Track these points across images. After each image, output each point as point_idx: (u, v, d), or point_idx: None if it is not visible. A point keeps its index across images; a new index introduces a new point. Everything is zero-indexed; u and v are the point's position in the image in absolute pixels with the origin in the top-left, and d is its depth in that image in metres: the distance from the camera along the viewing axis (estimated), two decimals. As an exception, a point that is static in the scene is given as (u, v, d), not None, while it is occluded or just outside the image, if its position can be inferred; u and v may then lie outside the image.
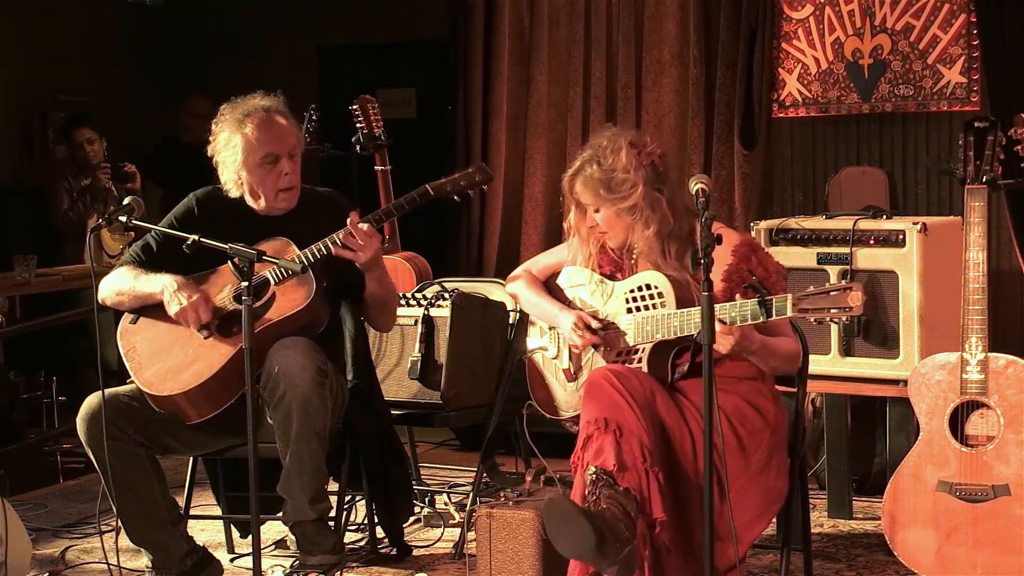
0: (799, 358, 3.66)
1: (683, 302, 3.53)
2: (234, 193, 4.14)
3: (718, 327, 3.30)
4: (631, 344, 3.60)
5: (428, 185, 4.02)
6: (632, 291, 3.65)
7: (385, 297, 4.17)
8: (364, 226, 3.97)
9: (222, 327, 3.97)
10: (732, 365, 3.60)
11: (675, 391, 3.56)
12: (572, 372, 3.79)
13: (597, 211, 3.68)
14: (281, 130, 4.10)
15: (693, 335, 3.46)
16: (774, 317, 3.33)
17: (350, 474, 4.30)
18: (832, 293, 3.28)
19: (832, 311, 3.27)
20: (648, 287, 3.61)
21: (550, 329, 3.87)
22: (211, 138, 4.14)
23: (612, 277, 3.75)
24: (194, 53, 8.36)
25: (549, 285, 3.92)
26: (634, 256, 3.72)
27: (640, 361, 3.57)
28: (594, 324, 3.67)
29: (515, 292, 4.00)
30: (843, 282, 3.31)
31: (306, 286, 3.95)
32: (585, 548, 3.21)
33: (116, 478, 3.91)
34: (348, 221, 3.96)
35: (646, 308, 3.60)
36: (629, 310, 3.64)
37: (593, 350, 3.71)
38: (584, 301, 3.78)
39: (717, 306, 3.35)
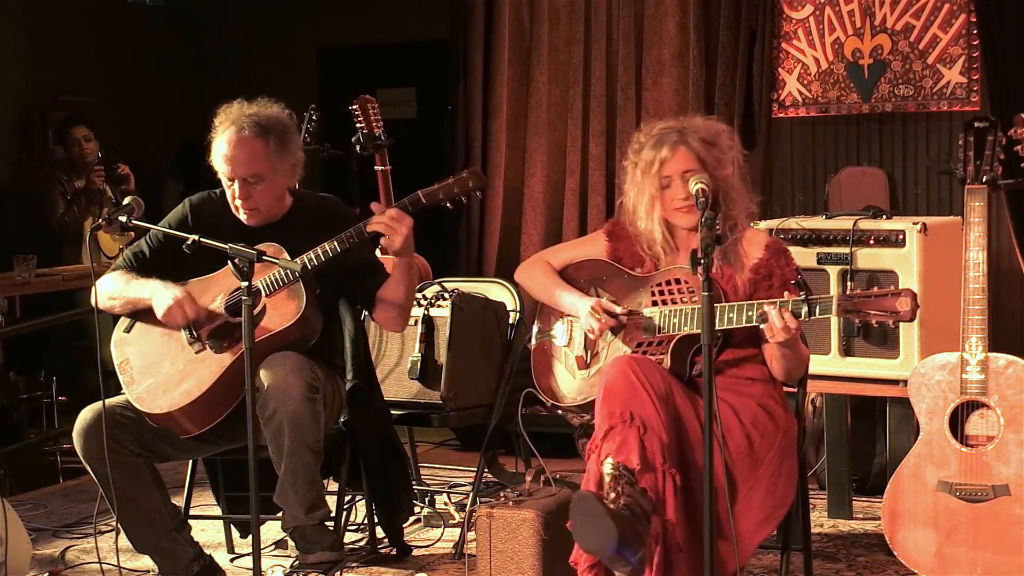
0: (807, 364, 3.69)
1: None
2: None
3: (791, 321, 3.36)
4: (654, 336, 3.61)
5: (420, 192, 3.90)
6: (660, 284, 3.66)
7: (403, 300, 4.07)
8: (392, 211, 3.88)
9: (212, 341, 3.95)
10: (747, 366, 3.61)
11: (692, 387, 3.56)
12: (585, 360, 3.79)
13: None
14: (241, 152, 3.94)
15: (732, 328, 3.49)
16: (817, 316, 3.37)
17: (350, 474, 4.30)
18: (877, 297, 3.30)
19: (877, 314, 3.31)
20: (679, 281, 3.63)
21: (561, 317, 3.87)
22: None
23: (632, 271, 3.77)
24: (194, 53, 8.36)
25: (564, 276, 3.90)
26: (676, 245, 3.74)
27: (663, 355, 3.57)
28: (618, 310, 3.68)
29: (529, 280, 3.96)
30: (891, 288, 3.32)
31: (297, 299, 3.88)
32: (605, 547, 3.22)
33: (117, 489, 3.90)
34: (373, 208, 3.91)
35: (673, 302, 3.62)
36: (655, 303, 3.65)
37: (611, 336, 3.71)
38: (603, 293, 3.79)
39: (762, 303, 3.43)
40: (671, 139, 3.65)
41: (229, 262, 3.56)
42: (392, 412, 4.60)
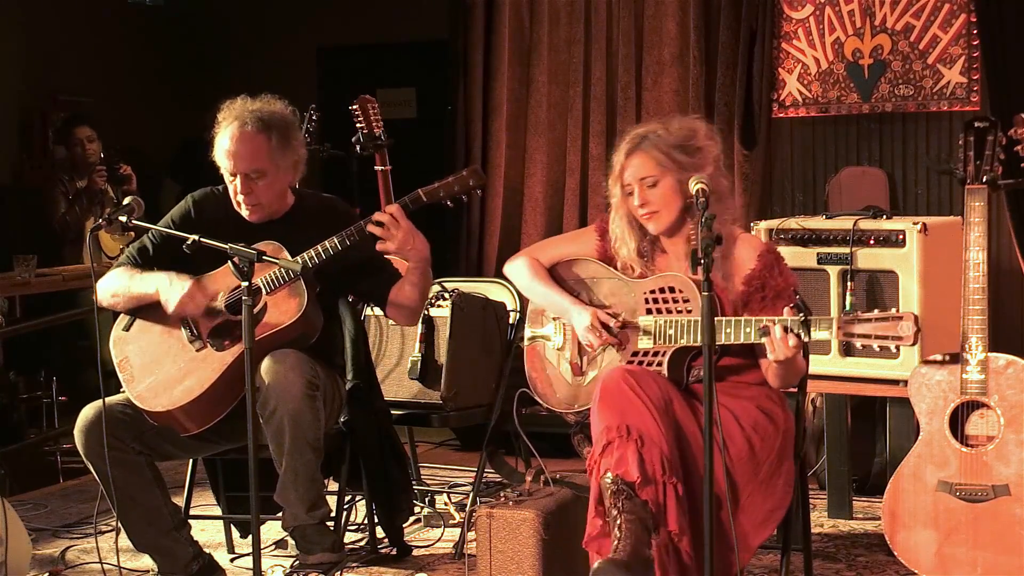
0: (805, 374, 3.67)
1: None
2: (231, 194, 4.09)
3: (791, 341, 3.31)
4: (651, 347, 3.57)
5: (420, 190, 3.92)
6: (654, 291, 3.60)
7: (415, 304, 4.09)
8: (393, 207, 3.90)
9: (213, 339, 3.95)
10: (744, 371, 3.59)
11: (690, 394, 3.54)
12: (581, 367, 3.76)
13: (654, 185, 3.58)
14: (244, 148, 3.95)
15: (726, 344, 3.44)
16: (814, 338, 3.33)
17: (350, 474, 4.30)
18: (878, 320, 3.26)
19: (879, 338, 3.27)
20: (673, 290, 3.57)
21: (554, 319, 3.84)
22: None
23: (623, 273, 3.72)
24: (194, 53, 8.36)
25: (554, 275, 3.85)
26: (665, 249, 3.69)
27: (660, 365, 3.54)
28: (612, 324, 3.64)
29: (517, 278, 3.90)
30: (892, 311, 3.29)
31: (298, 297, 3.88)
32: None
33: (117, 487, 3.90)
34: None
35: (668, 311, 3.57)
36: (649, 311, 3.60)
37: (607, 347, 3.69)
38: (593, 296, 3.77)
39: (762, 319, 3.37)
40: (630, 145, 3.62)
41: (229, 262, 3.57)
42: (392, 412, 4.60)
